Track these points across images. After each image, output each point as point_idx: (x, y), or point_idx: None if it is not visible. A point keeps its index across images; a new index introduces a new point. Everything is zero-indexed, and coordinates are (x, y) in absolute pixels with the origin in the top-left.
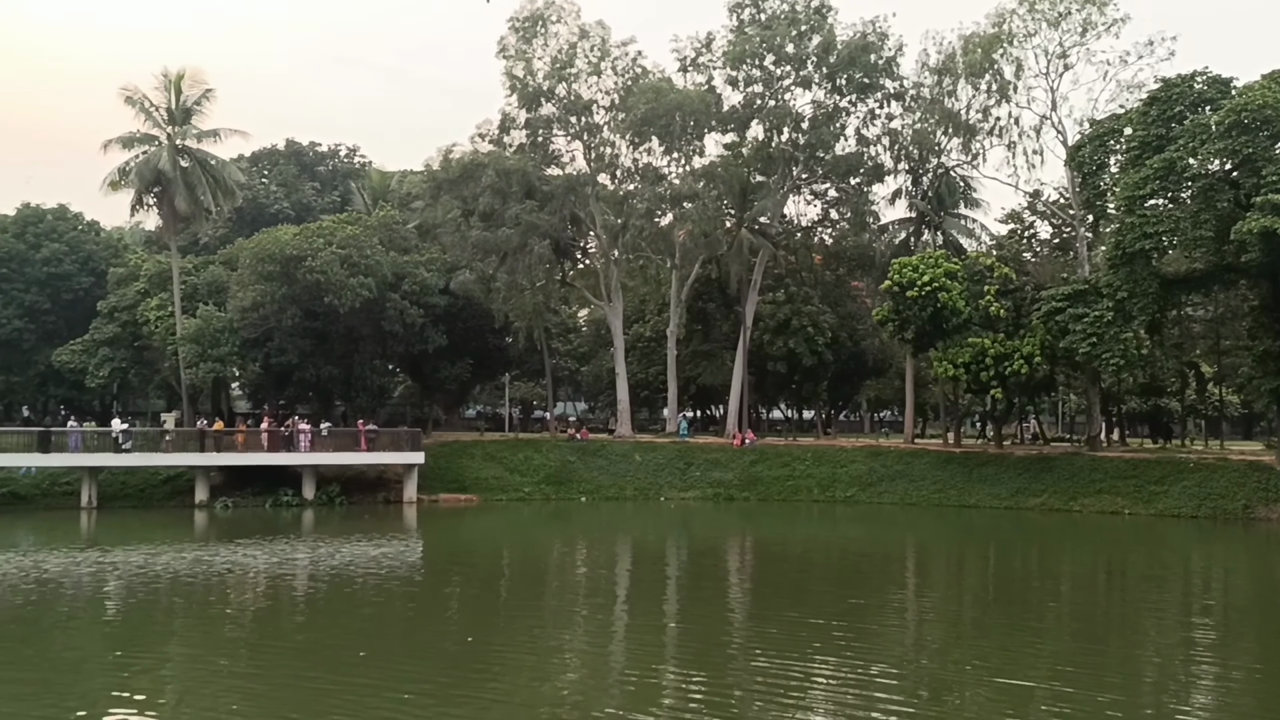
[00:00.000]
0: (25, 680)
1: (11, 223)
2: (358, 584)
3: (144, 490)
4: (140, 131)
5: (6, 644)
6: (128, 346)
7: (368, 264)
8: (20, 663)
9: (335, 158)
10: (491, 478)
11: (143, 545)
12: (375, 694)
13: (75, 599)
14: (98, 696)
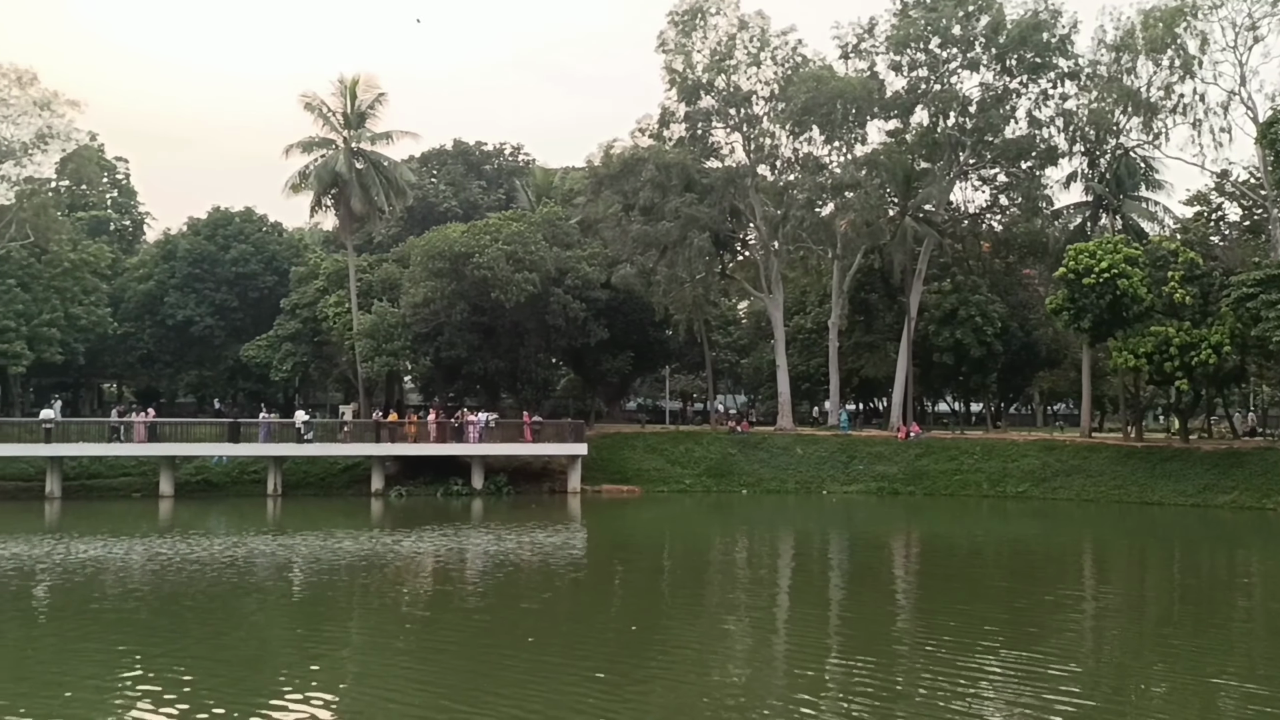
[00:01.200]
0: (217, 658)
1: (204, 225)
2: (525, 571)
3: (324, 479)
4: (318, 136)
5: (201, 622)
6: (308, 341)
7: (532, 259)
8: (213, 640)
9: (500, 156)
10: (653, 469)
11: (324, 531)
12: (544, 678)
13: (262, 580)
14: (282, 674)
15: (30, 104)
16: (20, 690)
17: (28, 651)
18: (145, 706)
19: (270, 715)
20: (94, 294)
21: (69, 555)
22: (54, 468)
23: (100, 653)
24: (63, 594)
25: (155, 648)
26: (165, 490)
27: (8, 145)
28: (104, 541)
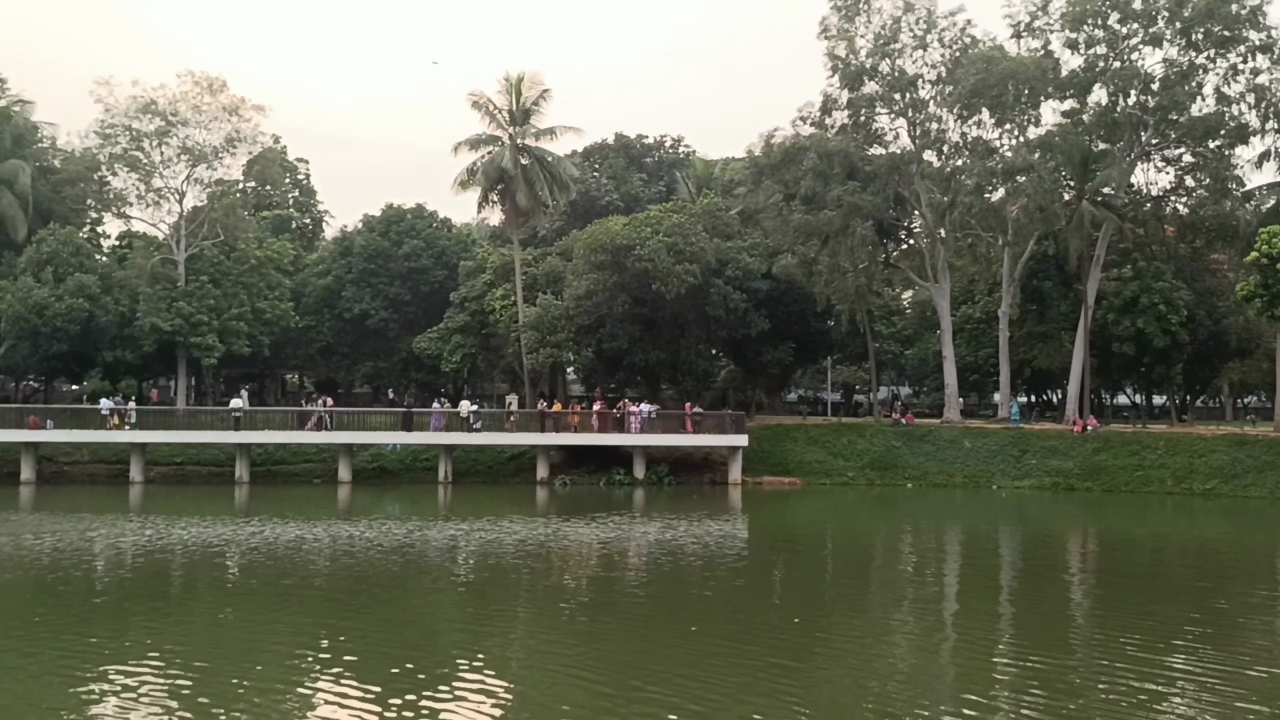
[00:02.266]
0: (392, 637)
1: (378, 222)
2: (687, 561)
3: (492, 467)
4: (485, 134)
5: (378, 603)
6: (476, 334)
7: (693, 251)
8: (388, 620)
9: (661, 149)
10: (814, 461)
11: (492, 517)
12: (706, 667)
13: (434, 564)
14: (452, 654)
15: (220, 110)
16: (214, 663)
17: (221, 627)
18: (327, 681)
19: (441, 694)
20: (278, 289)
21: (257, 537)
22: (242, 454)
23: (287, 629)
24: (252, 573)
25: (336, 626)
26: (344, 476)
27: (200, 150)
28: (288, 524)
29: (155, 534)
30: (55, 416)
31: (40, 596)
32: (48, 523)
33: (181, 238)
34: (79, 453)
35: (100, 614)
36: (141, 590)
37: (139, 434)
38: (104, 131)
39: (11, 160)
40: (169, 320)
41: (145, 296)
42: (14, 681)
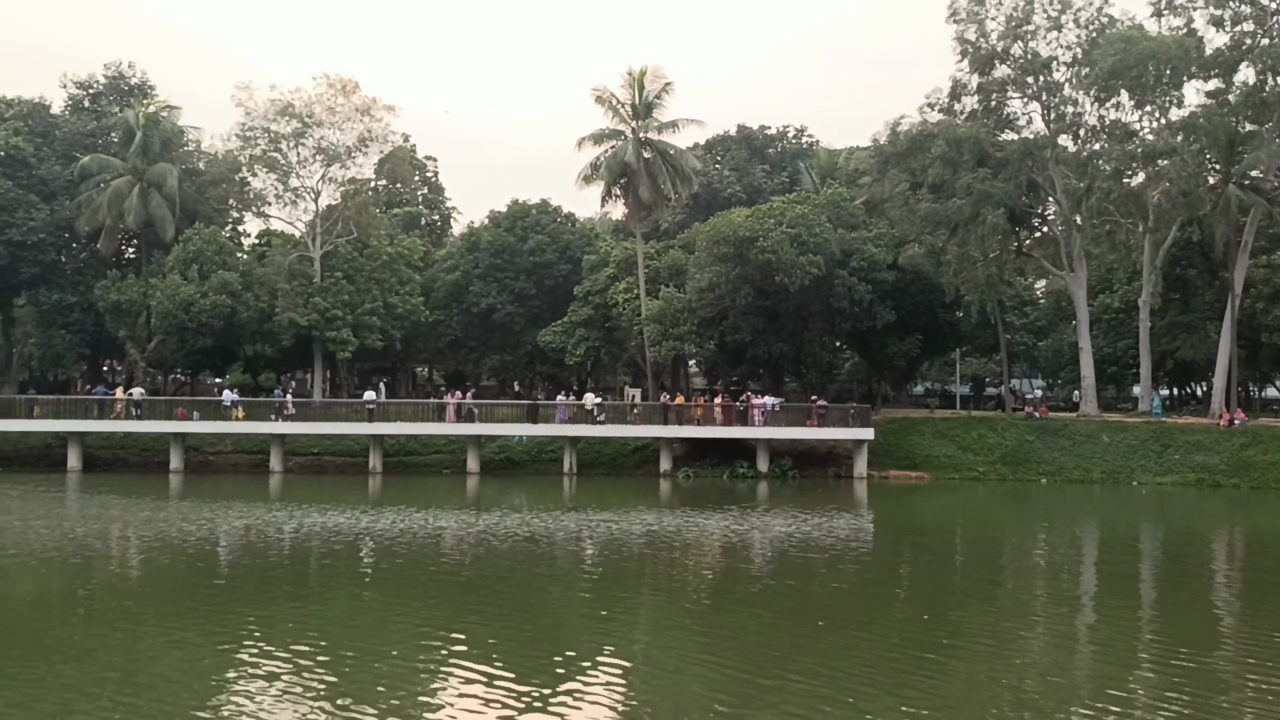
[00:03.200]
0: (520, 625)
1: (504, 218)
2: (812, 555)
3: (615, 459)
4: (609, 128)
5: (506, 591)
6: (600, 327)
7: (816, 242)
8: (516, 608)
9: (784, 139)
10: (943, 455)
11: (616, 509)
12: (832, 661)
13: (560, 554)
14: (578, 643)
15: (353, 111)
16: (351, 647)
17: (356, 612)
18: (458, 667)
19: (569, 684)
20: (408, 284)
21: (391, 526)
22: (376, 445)
23: (420, 616)
24: (387, 560)
25: (467, 613)
26: (472, 467)
27: (334, 150)
28: (421, 514)
29: (295, 522)
30: (201, 409)
31: (190, 581)
32: (196, 510)
33: (317, 235)
34: (222, 443)
35: (244, 598)
36: (283, 575)
37: (279, 425)
38: (244, 134)
39: (160, 164)
40: (306, 315)
41: (283, 293)
42: (164, 663)
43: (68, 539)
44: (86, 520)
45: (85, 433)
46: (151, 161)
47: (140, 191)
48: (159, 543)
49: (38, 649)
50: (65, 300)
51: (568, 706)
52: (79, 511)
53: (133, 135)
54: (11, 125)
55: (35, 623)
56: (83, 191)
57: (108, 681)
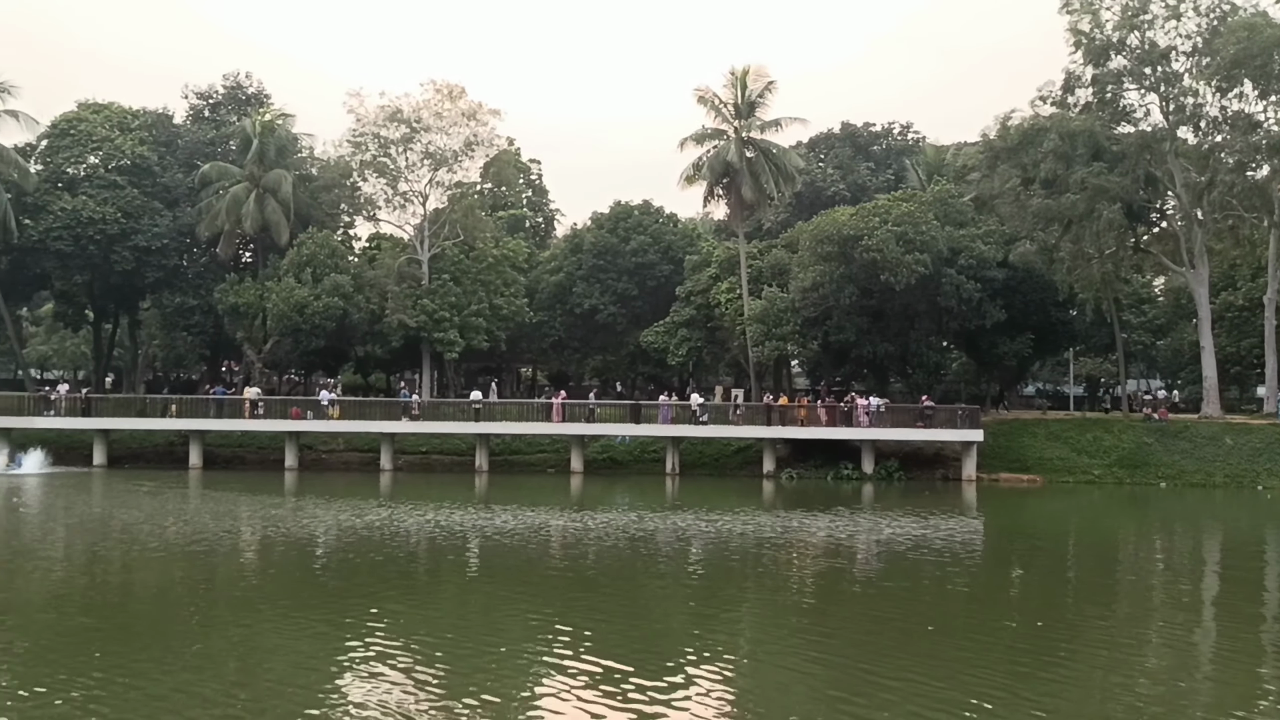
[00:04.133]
0: (624, 624)
1: (607, 219)
2: (919, 558)
3: (718, 459)
4: (710, 128)
5: (610, 589)
6: (702, 327)
7: (923, 240)
8: (619, 607)
9: (889, 136)
10: (1056, 458)
11: (719, 509)
12: (940, 667)
13: (663, 553)
14: (683, 643)
15: (459, 116)
16: (458, 642)
17: (465, 608)
18: (565, 662)
19: (673, 683)
20: (513, 286)
21: (496, 523)
22: (482, 444)
23: (526, 611)
24: (493, 557)
25: (572, 609)
26: (576, 466)
27: (441, 154)
28: (526, 512)
29: (404, 519)
30: (314, 408)
31: (304, 575)
32: (309, 506)
33: (425, 238)
34: (334, 441)
35: (357, 593)
36: (394, 571)
37: (387, 425)
38: (355, 140)
39: (276, 170)
40: (414, 317)
41: (393, 295)
42: (280, 655)
43: (190, 533)
44: (207, 515)
45: (206, 431)
46: (267, 168)
47: (257, 197)
48: (275, 538)
49: (162, 639)
50: (187, 303)
51: (673, 705)
52: (200, 507)
53: (250, 143)
54: (137, 135)
55: (160, 614)
56: (203, 198)
57: (226, 672)
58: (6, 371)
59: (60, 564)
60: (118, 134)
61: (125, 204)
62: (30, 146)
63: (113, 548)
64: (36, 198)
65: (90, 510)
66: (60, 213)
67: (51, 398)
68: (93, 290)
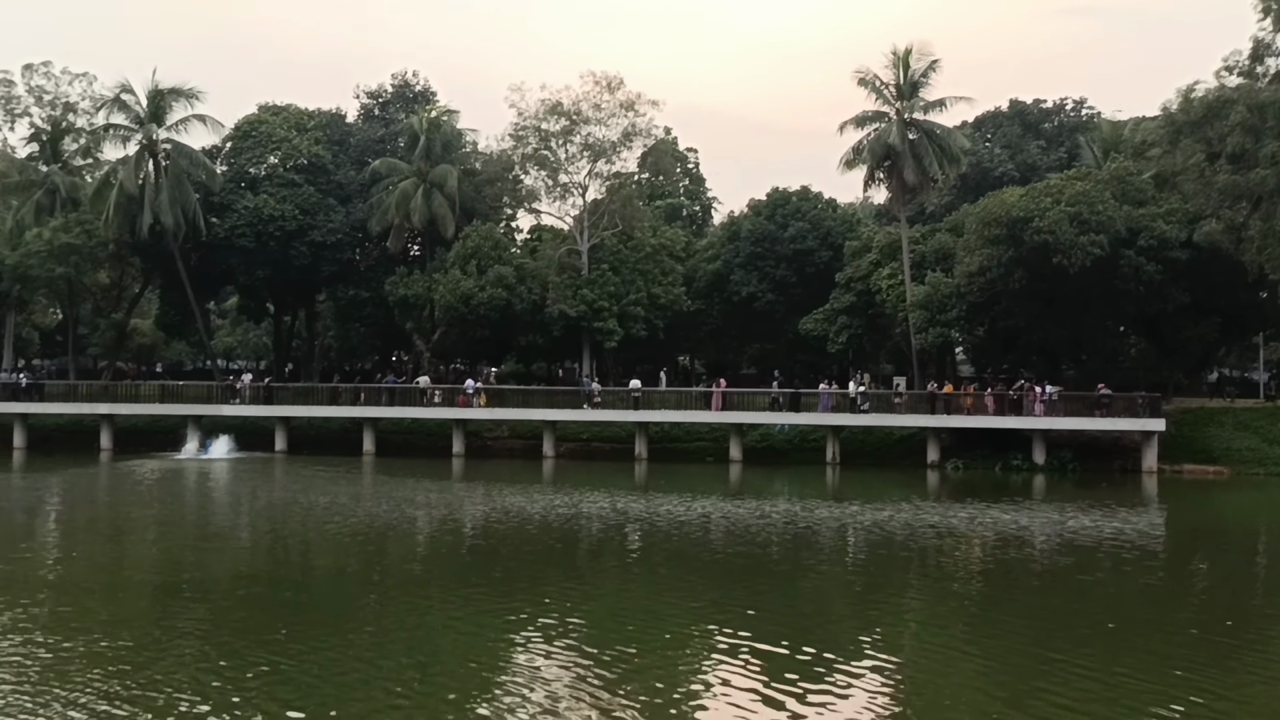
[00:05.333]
0: (784, 612)
1: (764, 206)
2: (1094, 552)
3: (880, 449)
4: (871, 110)
5: (770, 578)
6: (862, 314)
7: (1098, 220)
8: (779, 596)
9: (1060, 113)
10: (1245, 449)
11: (881, 500)
12: (1120, 666)
13: (824, 543)
14: (844, 635)
15: (617, 107)
16: (619, 627)
17: (626, 594)
18: (725, 649)
19: (834, 676)
20: (671, 275)
21: (655, 510)
22: (641, 432)
23: (685, 598)
24: (653, 545)
25: (731, 597)
26: (734, 455)
27: (600, 145)
28: (686, 500)
29: (566, 504)
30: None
31: (471, 558)
32: (475, 491)
33: (584, 229)
34: (499, 428)
35: (521, 575)
36: (557, 556)
37: (549, 412)
38: (516, 134)
39: (442, 165)
40: (575, 307)
41: (554, 285)
42: (448, 636)
43: (364, 516)
44: (381, 500)
45: (378, 419)
46: (434, 163)
47: (424, 192)
48: (444, 521)
49: (341, 618)
50: (359, 295)
51: (835, 694)
52: (373, 491)
53: (417, 139)
54: (313, 135)
55: (338, 593)
56: (374, 194)
57: (400, 650)
58: (196, 362)
59: (247, 545)
60: (295, 134)
61: (302, 201)
62: (216, 148)
63: (294, 529)
64: (222, 197)
65: (273, 494)
66: (243, 211)
67: (237, 387)
68: (273, 284)
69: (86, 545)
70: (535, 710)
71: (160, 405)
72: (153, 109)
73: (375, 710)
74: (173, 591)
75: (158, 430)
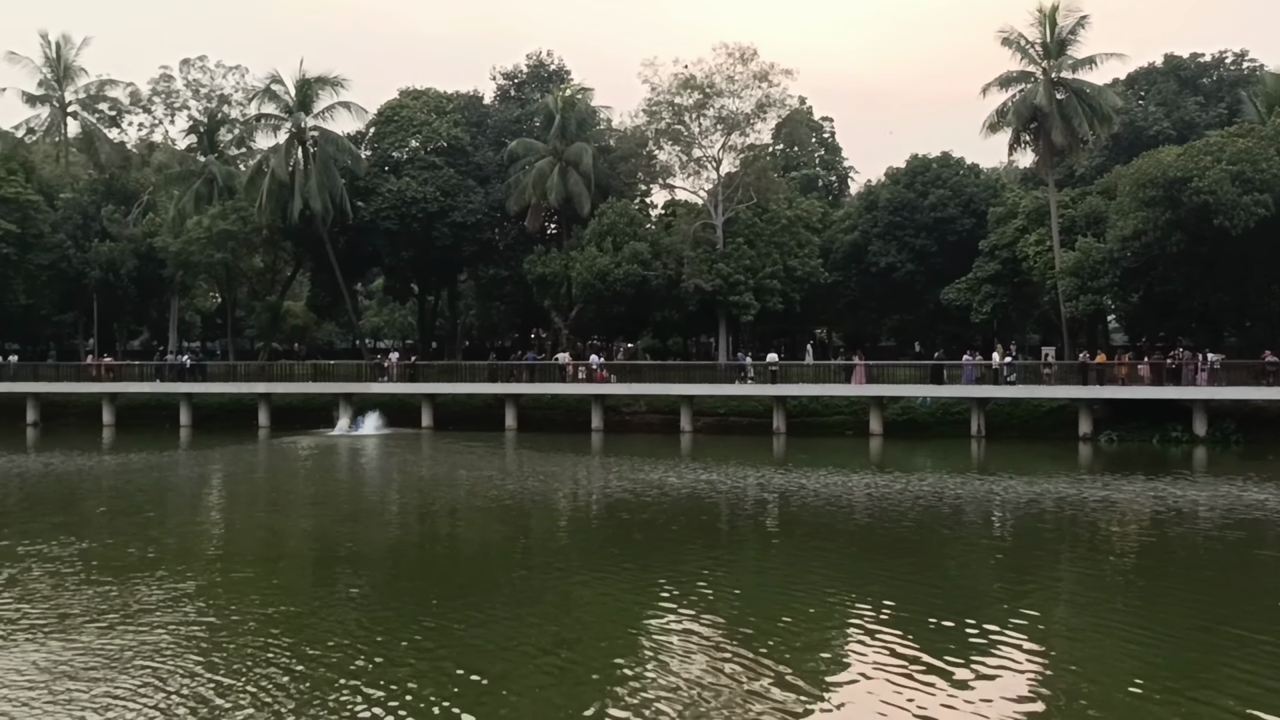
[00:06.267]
0: (927, 589)
1: (902, 174)
2: (1261, 529)
3: (1028, 421)
4: (1016, 70)
5: (913, 554)
6: (1007, 282)
7: (1263, 179)
8: (922, 572)
9: (1219, 67)
10: None
11: (1029, 474)
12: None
13: (969, 518)
14: (990, 613)
15: (751, 78)
16: (759, 601)
17: (765, 567)
18: (865, 626)
19: (982, 654)
20: (807, 247)
21: (795, 484)
22: (779, 406)
23: (826, 573)
24: (793, 519)
25: (872, 574)
26: (874, 429)
27: (734, 118)
28: (825, 474)
29: (704, 477)
30: (616, 371)
31: (612, 531)
32: (615, 465)
33: (719, 203)
34: (637, 404)
35: (661, 548)
36: (695, 528)
37: (687, 387)
38: (650, 110)
39: (577, 144)
40: (710, 281)
41: (689, 260)
42: (592, 607)
43: (508, 490)
44: (523, 473)
45: (519, 395)
46: (569, 142)
47: (560, 171)
48: (585, 494)
49: (488, 589)
50: (499, 274)
51: (981, 676)
52: (516, 465)
53: (552, 119)
54: (452, 118)
55: (485, 565)
56: (511, 174)
57: (547, 622)
58: (345, 341)
59: (398, 517)
60: (435, 118)
61: (443, 183)
62: (360, 134)
63: (443, 502)
64: (367, 181)
65: (421, 468)
66: (387, 194)
67: (384, 365)
68: (417, 265)
69: (249, 518)
70: (679, 682)
71: (313, 384)
72: (300, 98)
73: (524, 676)
74: (330, 561)
75: (311, 408)
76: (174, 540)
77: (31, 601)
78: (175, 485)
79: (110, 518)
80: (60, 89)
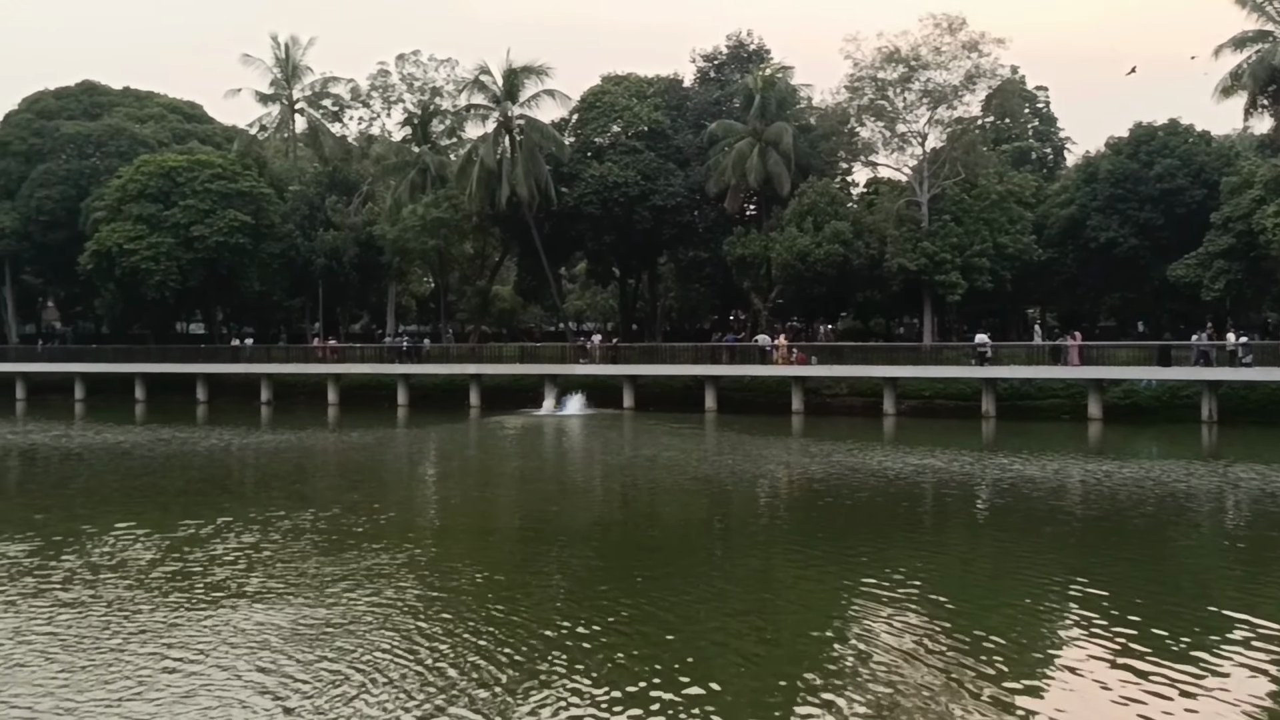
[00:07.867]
0: (1152, 584)
1: (1125, 144)
2: None
3: (1266, 406)
4: (1253, 30)
5: (1137, 547)
6: (1242, 257)
7: None
8: (1146, 567)
9: None
10: None
11: (1271, 461)
12: None
13: (1200, 509)
14: (1217, 611)
15: (959, 49)
16: (965, 587)
17: (974, 556)
18: (1079, 621)
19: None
20: (1019, 223)
21: (1006, 469)
22: (988, 389)
23: (1039, 563)
24: (1004, 506)
25: (1088, 564)
26: (1093, 413)
27: (940, 91)
28: (1039, 460)
29: (908, 461)
30: (818, 353)
31: (813, 513)
32: (815, 448)
33: (924, 179)
34: (838, 386)
35: (864, 532)
36: (899, 512)
37: (889, 369)
38: (852, 85)
39: (777, 123)
40: (915, 260)
41: (892, 239)
42: (793, 590)
43: (708, 470)
44: (723, 454)
45: (719, 376)
46: (769, 122)
47: (759, 151)
48: (786, 476)
49: (689, 569)
50: (699, 256)
51: (1216, 679)
52: (716, 446)
53: (752, 99)
54: (652, 102)
55: (685, 544)
56: (710, 156)
57: (746, 603)
58: (550, 324)
59: (602, 494)
60: (636, 102)
61: (644, 167)
62: (564, 121)
63: (645, 481)
64: (570, 167)
65: (624, 447)
66: (590, 179)
67: (587, 347)
68: (618, 248)
69: (462, 493)
70: (880, 671)
71: (520, 365)
72: (507, 87)
73: (723, 654)
74: (538, 537)
75: (519, 389)
76: (395, 513)
77: (285, 562)
78: (394, 463)
79: (338, 491)
80: (289, 88)
